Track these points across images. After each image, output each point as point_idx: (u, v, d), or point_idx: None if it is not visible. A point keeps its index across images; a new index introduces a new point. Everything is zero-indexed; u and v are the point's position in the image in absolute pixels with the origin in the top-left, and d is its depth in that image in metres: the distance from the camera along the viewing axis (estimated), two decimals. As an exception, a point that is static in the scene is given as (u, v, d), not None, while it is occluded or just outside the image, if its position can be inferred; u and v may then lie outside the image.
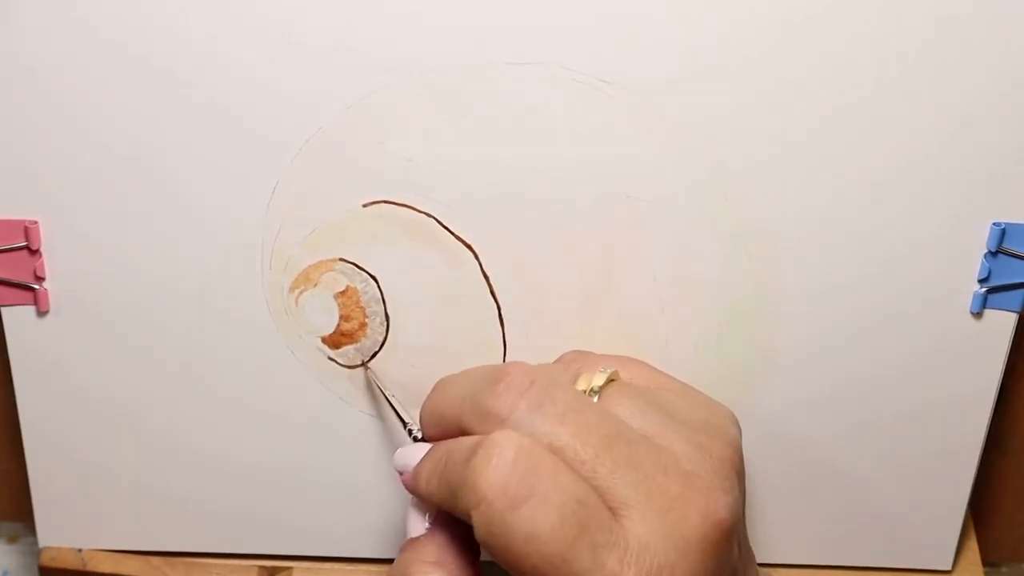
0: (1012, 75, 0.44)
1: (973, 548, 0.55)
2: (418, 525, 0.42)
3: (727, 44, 0.44)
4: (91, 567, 0.53)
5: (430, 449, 0.42)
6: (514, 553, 0.37)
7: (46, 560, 0.53)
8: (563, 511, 0.36)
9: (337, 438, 0.51)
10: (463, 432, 0.40)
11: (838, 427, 0.51)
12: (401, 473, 0.43)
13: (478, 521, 0.37)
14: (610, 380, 0.42)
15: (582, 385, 0.42)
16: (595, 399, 0.41)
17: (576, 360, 0.46)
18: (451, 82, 0.45)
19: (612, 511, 0.37)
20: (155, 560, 0.54)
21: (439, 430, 0.42)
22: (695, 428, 0.41)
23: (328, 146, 0.46)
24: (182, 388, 0.50)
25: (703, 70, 0.44)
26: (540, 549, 0.36)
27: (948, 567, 0.54)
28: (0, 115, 0.45)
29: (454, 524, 0.41)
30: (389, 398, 0.48)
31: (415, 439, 0.44)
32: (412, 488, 0.42)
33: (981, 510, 0.58)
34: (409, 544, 0.42)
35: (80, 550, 0.54)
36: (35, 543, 0.54)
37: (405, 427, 0.45)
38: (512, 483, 0.37)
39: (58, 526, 0.54)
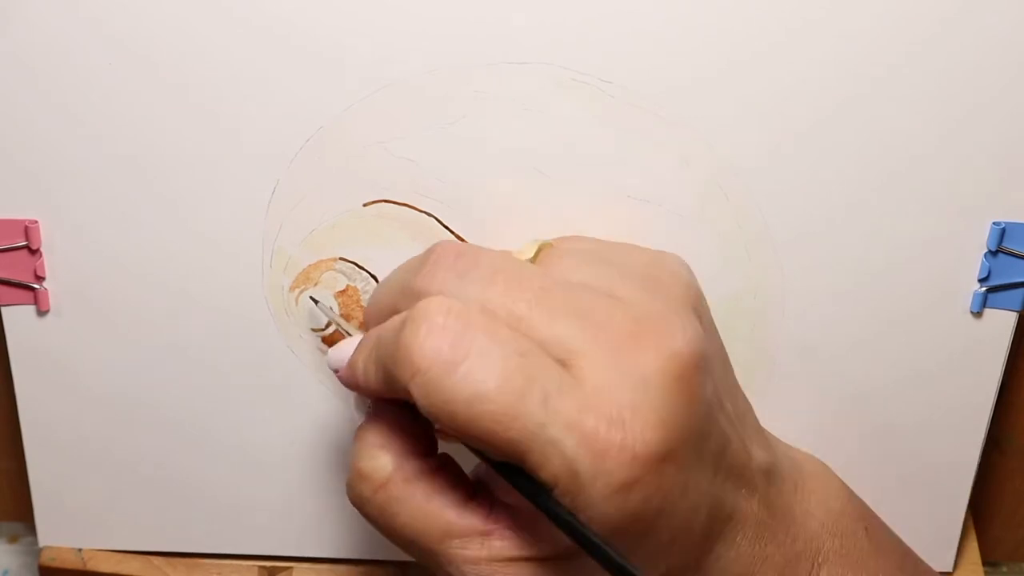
0: (1012, 75, 0.44)
1: (973, 548, 0.55)
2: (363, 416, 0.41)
3: (727, 44, 0.44)
4: (91, 567, 0.53)
5: (362, 339, 0.39)
6: (460, 419, 0.34)
7: (46, 560, 0.53)
8: (505, 364, 0.34)
9: (338, 438, 0.51)
10: None
11: (838, 426, 0.51)
12: (337, 371, 0.41)
13: (417, 394, 0.35)
14: (541, 249, 0.40)
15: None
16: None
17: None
18: (451, 82, 0.45)
19: (561, 363, 0.35)
20: (155, 560, 0.54)
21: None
22: (641, 274, 0.39)
23: (328, 146, 0.46)
24: (182, 388, 0.50)
25: (703, 69, 0.44)
26: (486, 408, 0.34)
27: (949, 568, 0.54)
28: (0, 115, 0.45)
29: (397, 405, 0.39)
30: (337, 320, 0.46)
31: None
32: (350, 382, 0.40)
33: (981, 510, 0.58)
34: (356, 433, 0.40)
35: (80, 550, 0.54)
36: (35, 543, 0.54)
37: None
38: (445, 347, 0.34)
39: (58, 526, 0.54)
